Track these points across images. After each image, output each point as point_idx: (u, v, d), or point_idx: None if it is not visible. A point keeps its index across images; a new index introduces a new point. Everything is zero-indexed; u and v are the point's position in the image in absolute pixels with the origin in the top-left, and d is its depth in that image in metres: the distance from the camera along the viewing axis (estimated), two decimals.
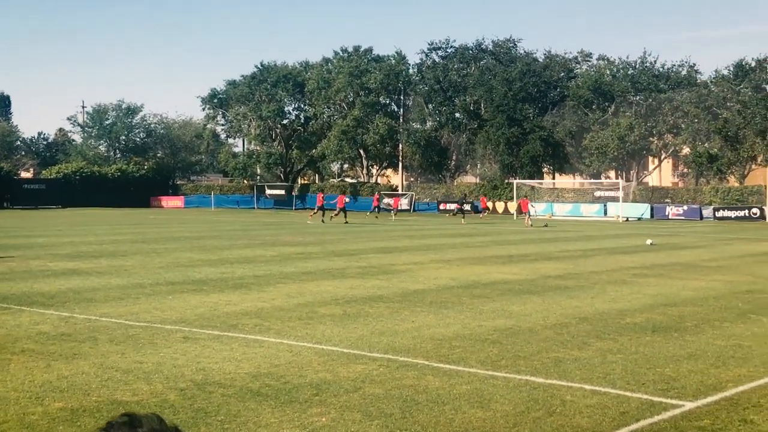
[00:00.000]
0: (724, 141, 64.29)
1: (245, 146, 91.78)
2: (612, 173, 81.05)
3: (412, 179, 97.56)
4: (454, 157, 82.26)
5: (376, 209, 64.59)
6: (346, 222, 51.01)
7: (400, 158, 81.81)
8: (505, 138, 71.91)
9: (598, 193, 67.70)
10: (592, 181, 74.55)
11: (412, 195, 76.95)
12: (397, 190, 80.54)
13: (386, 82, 79.78)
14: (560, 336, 12.05)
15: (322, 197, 54.57)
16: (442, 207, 73.53)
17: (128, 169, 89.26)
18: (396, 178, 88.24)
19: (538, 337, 11.98)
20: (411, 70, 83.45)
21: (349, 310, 14.45)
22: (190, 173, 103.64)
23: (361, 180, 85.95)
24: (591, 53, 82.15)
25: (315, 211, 54.71)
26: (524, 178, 71.08)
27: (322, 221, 51.32)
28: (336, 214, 53.54)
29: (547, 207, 67.17)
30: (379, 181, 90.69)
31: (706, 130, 68.08)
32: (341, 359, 10.37)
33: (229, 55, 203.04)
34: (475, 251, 28.39)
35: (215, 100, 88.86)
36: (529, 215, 50.90)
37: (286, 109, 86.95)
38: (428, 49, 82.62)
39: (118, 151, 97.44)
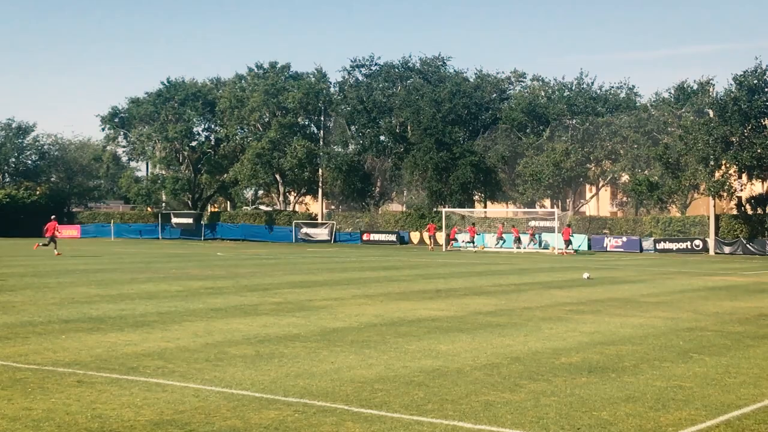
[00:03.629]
0: (665, 168, 65.95)
1: (149, 170, 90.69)
2: (547, 202, 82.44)
3: (332, 207, 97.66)
4: (378, 184, 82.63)
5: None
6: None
7: (320, 184, 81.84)
8: (434, 163, 72.60)
9: (532, 223, 68.72)
10: (526, 210, 75.68)
11: (333, 224, 76.96)
12: (316, 219, 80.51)
13: (305, 102, 79.88)
14: (491, 377, 12.18)
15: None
16: (365, 237, 73.69)
17: (18, 195, 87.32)
18: (315, 206, 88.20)
19: (467, 378, 12.07)
20: (332, 89, 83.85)
21: (262, 350, 14.36)
22: (88, 200, 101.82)
23: (278, 207, 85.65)
24: (525, 73, 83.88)
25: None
26: (454, 207, 71.78)
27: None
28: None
29: (478, 238, 67.85)
30: (297, 209, 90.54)
31: (646, 156, 69.78)
32: (253, 404, 10.29)
33: (132, 71, 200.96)
34: (401, 285, 28.50)
35: (116, 120, 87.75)
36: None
37: (194, 129, 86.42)
38: (351, 67, 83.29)
39: (6, 175, 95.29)
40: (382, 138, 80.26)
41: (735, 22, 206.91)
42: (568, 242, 61.55)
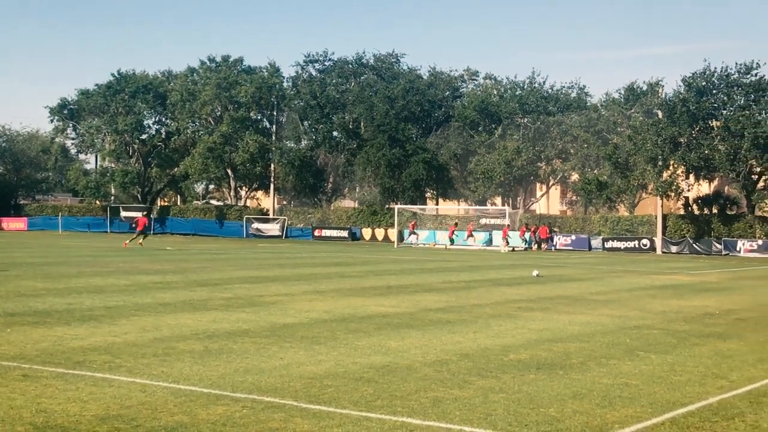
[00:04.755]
0: (614, 168, 66.67)
1: (98, 163, 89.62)
2: (498, 200, 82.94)
3: (284, 202, 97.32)
4: (331, 180, 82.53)
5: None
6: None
7: (272, 179, 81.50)
8: (386, 159, 72.65)
9: (483, 221, 69.09)
10: (478, 207, 76.05)
11: (285, 220, 76.71)
12: (267, 214, 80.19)
13: (258, 96, 79.49)
14: (440, 374, 12.21)
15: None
16: (317, 233, 73.55)
17: None
18: (267, 201, 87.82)
19: (416, 375, 12.09)
20: (285, 84, 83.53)
21: (211, 345, 14.27)
22: (36, 192, 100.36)
23: (229, 202, 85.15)
24: (478, 72, 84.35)
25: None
26: (406, 203, 71.94)
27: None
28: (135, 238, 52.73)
29: (429, 234, 68.11)
30: (248, 204, 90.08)
31: (596, 155, 70.53)
32: (200, 400, 10.21)
33: (82, 62, 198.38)
34: (351, 282, 28.49)
35: (65, 111, 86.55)
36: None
37: (145, 122, 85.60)
38: (304, 62, 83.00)
39: None
40: (335, 134, 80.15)
41: (685, 24, 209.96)
42: (547, 240, 63.03)
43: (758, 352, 15.05)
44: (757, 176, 61.80)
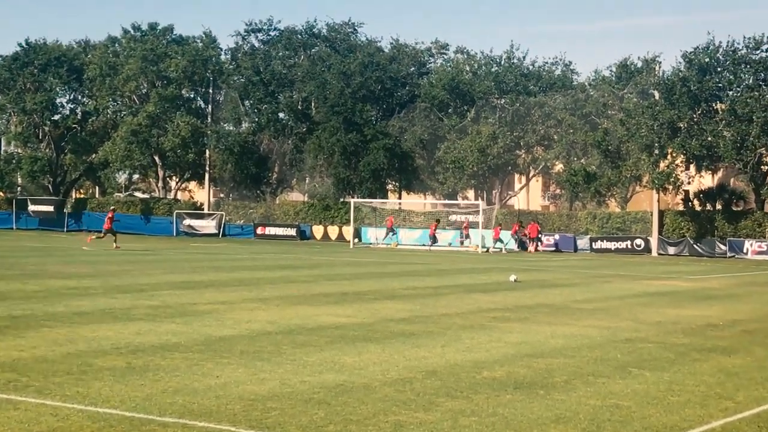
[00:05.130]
0: (604, 157, 67.17)
1: (2, 148, 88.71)
2: (471, 193, 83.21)
3: (221, 195, 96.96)
4: (276, 169, 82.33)
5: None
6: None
7: (207, 168, 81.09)
8: (341, 146, 72.59)
9: (453, 218, 69.31)
10: (447, 202, 76.26)
11: (222, 216, 76.43)
12: (202, 209, 79.84)
13: (191, 71, 79.08)
14: (402, 394, 12.23)
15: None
16: (260, 231, 73.36)
17: None
18: (201, 194, 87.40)
19: (375, 395, 12.10)
20: (223, 57, 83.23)
21: (135, 362, 14.18)
22: None
23: (156, 195, 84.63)
24: (447, 45, 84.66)
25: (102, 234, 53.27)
26: (364, 197, 71.91)
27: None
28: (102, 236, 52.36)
29: (391, 233, 68.15)
30: (179, 196, 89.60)
31: (583, 142, 70.95)
32: (122, 425, 10.15)
33: None
34: (300, 287, 28.45)
35: None
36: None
37: (58, 101, 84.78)
38: (245, 31, 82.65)
39: None
40: (281, 115, 79.91)
41: None
42: (536, 239, 63.39)
43: (767, 369, 15.24)
44: (767, 167, 62.41)
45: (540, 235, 64.87)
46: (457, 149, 72.73)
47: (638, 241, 63.28)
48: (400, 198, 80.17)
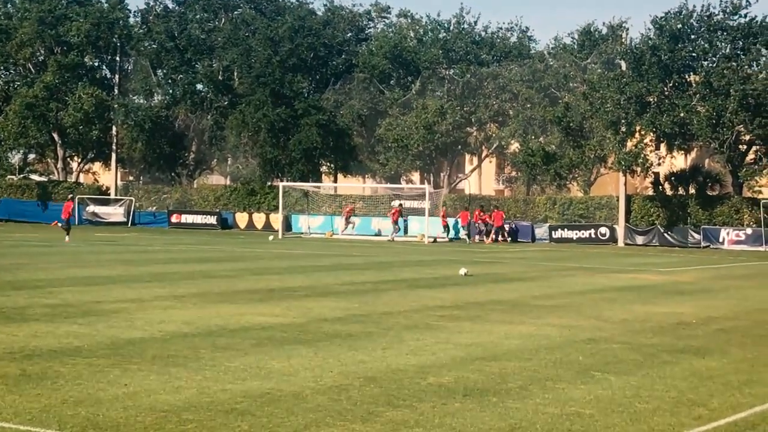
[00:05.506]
0: (565, 135, 67.51)
1: None
2: (416, 176, 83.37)
3: (131, 178, 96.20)
4: (194, 148, 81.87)
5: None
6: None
7: (114, 147, 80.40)
8: (268, 122, 72.26)
9: (396, 203, 69.37)
10: (389, 186, 76.27)
11: (131, 202, 75.86)
12: (108, 194, 79.17)
13: (95, 36, 78.32)
14: (338, 403, 12.23)
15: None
16: (175, 219, 72.89)
17: None
18: (107, 177, 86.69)
19: (306, 405, 12.10)
20: (132, 20, 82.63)
21: (31, 368, 14.05)
22: None
23: (55, 178, 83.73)
24: (389, 7, 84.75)
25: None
26: (295, 180, 71.70)
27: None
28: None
29: (325, 221, 68.11)
30: (81, 179, 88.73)
31: (542, 119, 71.33)
32: None
33: None
34: (221, 283, 28.35)
35: None
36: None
37: None
38: None
39: None
40: (199, 87, 79.48)
41: None
42: (500, 229, 63.08)
43: (745, 372, 15.45)
44: (745, 146, 63.09)
45: (504, 224, 64.87)
46: (401, 126, 72.80)
47: (603, 230, 63.73)
48: (335, 181, 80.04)
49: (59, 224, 56.89)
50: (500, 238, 63.82)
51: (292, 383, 13.47)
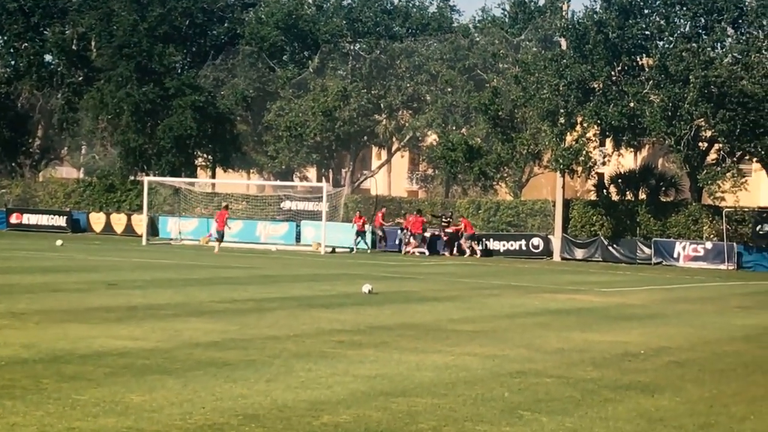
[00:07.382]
0: (493, 126, 67.89)
1: None
2: (312, 172, 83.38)
3: None
4: (40, 133, 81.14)
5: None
6: None
7: None
8: (133, 103, 71.86)
9: (287, 204, 69.21)
10: (279, 183, 76.13)
11: None
12: None
13: None
14: None
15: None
16: (14, 219, 72.11)
17: None
18: None
19: None
20: None
21: None
22: None
23: None
24: None
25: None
26: (163, 174, 71.27)
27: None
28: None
29: (199, 225, 67.81)
30: None
31: (465, 106, 71.73)
32: None
33: None
34: (70, 299, 28.14)
35: None
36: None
37: None
38: None
39: None
40: (48, 58, 78.91)
41: None
42: (471, 236, 62.72)
43: (702, 414, 15.60)
44: (706, 144, 63.86)
45: (472, 233, 64.18)
46: (294, 111, 72.87)
47: (536, 241, 64.14)
48: (213, 176, 79.83)
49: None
50: (477, 248, 63.79)
51: (155, 421, 13.35)
